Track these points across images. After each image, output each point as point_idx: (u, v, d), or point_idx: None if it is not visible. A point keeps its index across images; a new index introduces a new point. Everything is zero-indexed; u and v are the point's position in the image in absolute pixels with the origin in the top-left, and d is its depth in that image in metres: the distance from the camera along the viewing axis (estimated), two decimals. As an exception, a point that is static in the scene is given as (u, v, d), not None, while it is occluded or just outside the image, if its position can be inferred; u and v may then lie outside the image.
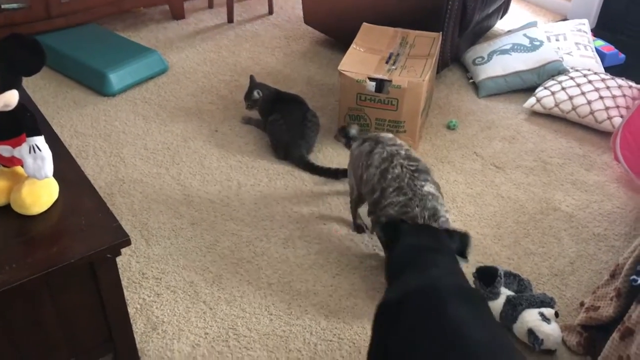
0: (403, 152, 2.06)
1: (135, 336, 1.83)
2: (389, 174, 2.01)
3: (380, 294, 2.10)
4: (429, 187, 1.96)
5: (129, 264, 2.16)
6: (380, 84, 2.64)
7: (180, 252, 2.23)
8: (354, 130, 2.34)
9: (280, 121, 2.70)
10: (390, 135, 2.20)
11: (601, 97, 2.90)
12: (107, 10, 3.52)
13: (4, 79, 1.43)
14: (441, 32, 2.97)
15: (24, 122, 1.52)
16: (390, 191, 1.99)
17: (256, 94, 2.78)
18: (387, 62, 2.76)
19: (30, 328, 1.57)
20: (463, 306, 1.32)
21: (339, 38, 3.49)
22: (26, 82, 1.54)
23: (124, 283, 1.84)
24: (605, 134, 2.88)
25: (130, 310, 1.93)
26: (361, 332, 1.96)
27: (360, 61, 2.76)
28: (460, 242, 1.71)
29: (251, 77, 2.88)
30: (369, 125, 2.75)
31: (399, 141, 2.15)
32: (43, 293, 1.54)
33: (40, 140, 1.53)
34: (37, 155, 1.52)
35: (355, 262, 2.21)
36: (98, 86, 3.09)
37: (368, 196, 2.09)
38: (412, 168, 2.01)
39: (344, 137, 2.38)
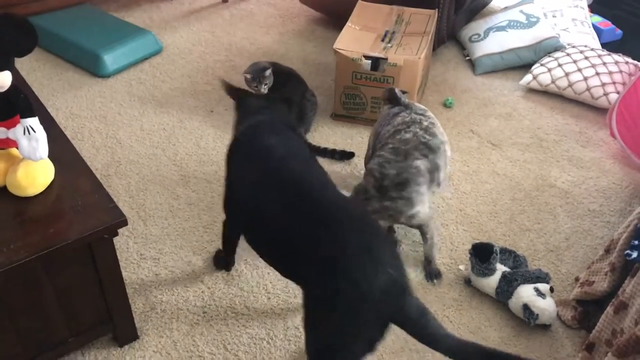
0: (425, 124, 2.07)
1: (134, 316, 1.85)
2: (400, 135, 2.04)
3: (377, 272, 2.12)
4: (421, 163, 1.97)
5: (126, 244, 2.17)
6: (376, 62, 2.63)
7: (177, 232, 2.23)
8: (403, 98, 2.24)
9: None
10: (424, 107, 2.21)
11: (597, 73, 2.90)
12: (100, -9, 3.49)
13: (-4, 60, 1.43)
14: (437, 9, 2.95)
15: (18, 103, 1.52)
16: (389, 147, 2.02)
17: (268, 72, 2.61)
18: (382, 40, 2.74)
19: (30, 309, 1.59)
20: (274, 135, 1.75)
21: (334, 16, 3.46)
22: (20, 64, 1.54)
23: (122, 264, 1.85)
24: (601, 110, 2.88)
25: (129, 291, 1.94)
26: (358, 309, 1.98)
27: (355, 39, 2.74)
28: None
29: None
30: (365, 104, 2.74)
31: (429, 114, 2.16)
32: (41, 274, 1.55)
33: (34, 122, 1.53)
34: (32, 136, 1.52)
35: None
36: (92, 67, 3.08)
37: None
38: (423, 140, 2.01)
39: (388, 98, 2.27)
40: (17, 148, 1.56)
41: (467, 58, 3.29)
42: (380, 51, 2.65)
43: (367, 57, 2.63)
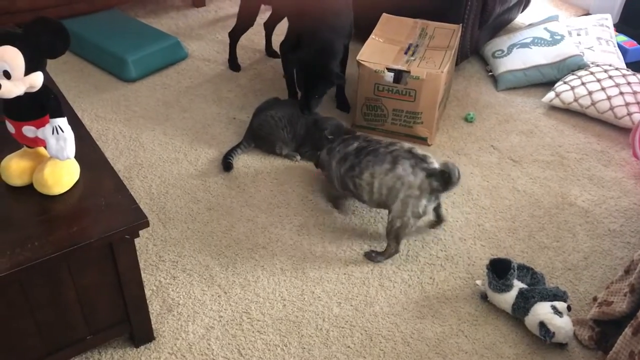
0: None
1: (150, 317, 1.87)
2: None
3: (393, 282, 2.12)
4: (407, 166, 2.11)
5: (146, 246, 2.20)
6: (399, 75, 2.64)
7: (196, 236, 2.26)
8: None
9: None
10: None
11: (621, 93, 2.88)
12: (129, -3, 3.56)
13: (30, 60, 1.46)
14: (461, 24, 2.96)
15: (48, 103, 1.55)
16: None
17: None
18: (405, 53, 2.76)
19: (51, 305, 1.61)
20: None
21: (358, 28, 3.47)
22: (48, 66, 1.57)
23: (141, 265, 1.87)
24: (624, 130, 2.86)
25: (147, 292, 1.96)
26: (373, 320, 1.98)
27: (379, 51, 2.76)
28: None
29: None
30: (386, 115, 2.75)
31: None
32: (63, 271, 1.57)
33: (63, 122, 1.56)
34: (60, 136, 1.55)
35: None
36: (118, 71, 3.13)
37: None
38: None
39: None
40: (45, 147, 1.60)
41: (490, 74, 3.29)
42: (403, 64, 2.66)
43: (389, 70, 2.64)
